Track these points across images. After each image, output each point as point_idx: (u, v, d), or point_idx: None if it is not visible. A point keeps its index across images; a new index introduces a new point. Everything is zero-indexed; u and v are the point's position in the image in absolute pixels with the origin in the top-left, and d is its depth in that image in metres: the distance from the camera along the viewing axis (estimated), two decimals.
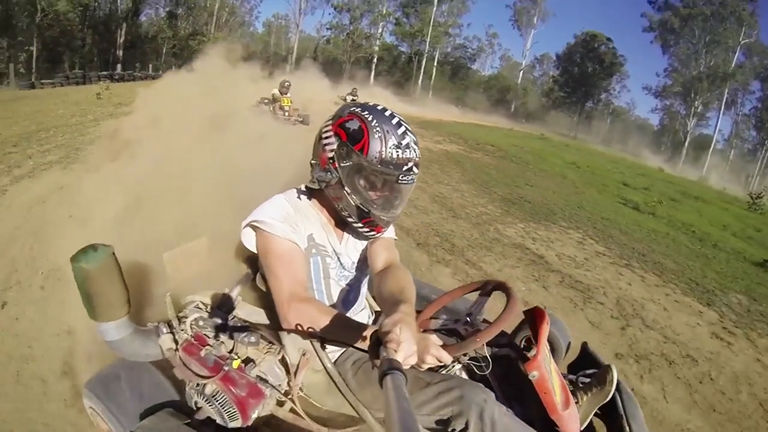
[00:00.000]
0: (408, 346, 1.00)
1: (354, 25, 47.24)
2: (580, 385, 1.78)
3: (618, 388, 1.75)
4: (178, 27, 36.97)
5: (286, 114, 11.74)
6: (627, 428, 1.63)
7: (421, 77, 48.48)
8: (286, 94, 12.15)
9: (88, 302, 1.39)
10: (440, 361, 1.29)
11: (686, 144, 48.10)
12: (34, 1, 24.75)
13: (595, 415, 1.73)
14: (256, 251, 1.58)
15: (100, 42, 25.29)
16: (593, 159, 23.51)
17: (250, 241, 1.58)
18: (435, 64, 50.01)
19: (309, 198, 1.66)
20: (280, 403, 1.60)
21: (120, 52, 27.14)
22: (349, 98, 19.83)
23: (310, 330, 1.29)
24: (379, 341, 1.01)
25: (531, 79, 57.87)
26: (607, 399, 1.70)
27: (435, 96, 47.21)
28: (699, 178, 30.96)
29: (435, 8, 46.02)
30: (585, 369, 1.98)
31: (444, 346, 1.32)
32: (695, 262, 7.48)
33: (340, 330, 1.30)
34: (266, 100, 11.86)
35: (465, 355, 1.64)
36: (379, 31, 48.03)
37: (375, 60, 47.61)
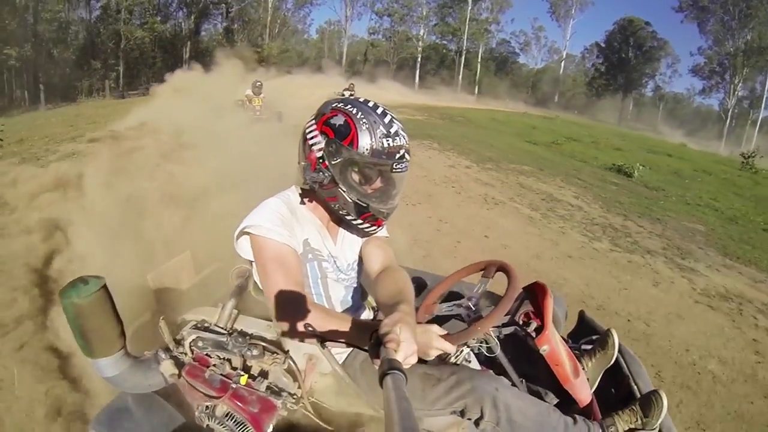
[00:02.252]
0: (408, 346, 1.01)
1: (395, 28, 49.31)
2: (584, 352, 1.81)
3: (620, 350, 1.81)
4: (234, 40, 39.61)
5: (257, 112, 12.38)
6: (634, 387, 1.71)
7: (461, 73, 49.08)
8: (259, 94, 12.79)
9: (82, 338, 1.34)
10: (444, 352, 1.31)
11: (727, 123, 45.37)
12: (119, 31, 30.92)
13: (603, 379, 1.77)
14: (251, 259, 1.53)
15: (169, 59, 30.76)
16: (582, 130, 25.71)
17: (244, 248, 1.54)
18: (479, 60, 50.69)
19: (301, 200, 1.60)
20: (292, 412, 1.56)
21: (186, 66, 32.43)
22: (347, 94, 19.79)
23: (309, 331, 1.25)
24: (378, 341, 1.02)
25: (580, 70, 56.81)
26: (612, 362, 1.75)
27: (481, 91, 48.75)
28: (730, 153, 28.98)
29: (470, 7, 46.89)
30: (585, 336, 2.04)
31: (446, 336, 1.34)
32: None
33: (341, 329, 1.25)
34: (240, 101, 12.56)
35: (473, 339, 1.64)
36: (420, 32, 49.49)
37: (419, 60, 49.07)
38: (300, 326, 1.26)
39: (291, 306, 1.32)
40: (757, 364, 4.17)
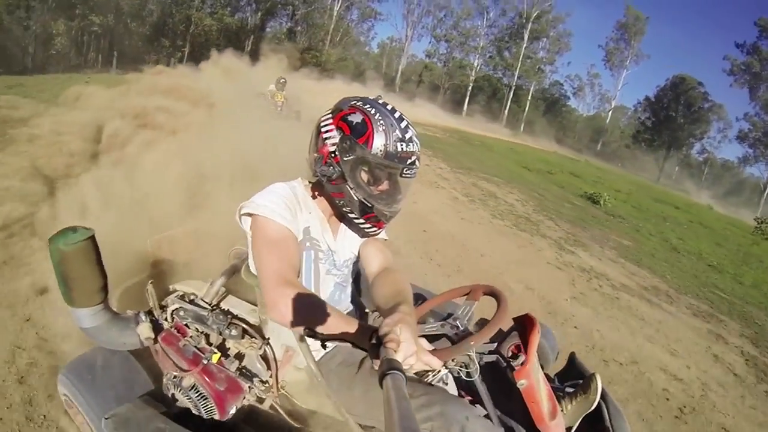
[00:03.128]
0: (408, 346, 1.01)
1: (450, 55, 50.42)
2: (566, 394, 1.75)
3: (604, 399, 1.74)
4: (296, 41, 40.70)
5: (278, 108, 12.58)
6: None
7: (507, 107, 49.84)
8: (281, 90, 13.00)
9: (64, 285, 1.36)
10: (429, 367, 1.24)
11: (766, 193, 44.29)
12: (191, 16, 33.37)
13: (582, 426, 1.70)
14: (250, 235, 1.50)
15: (232, 47, 33.92)
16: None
17: (245, 224, 1.53)
18: (529, 97, 51.30)
19: (307, 191, 1.60)
20: (260, 400, 1.56)
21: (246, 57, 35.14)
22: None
23: (297, 317, 1.23)
24: (379, 341, 1.02)
25: (630, 123, 56.72)
26: (592, 408, 1.68)
27: (527, 129, 49.28)
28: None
29: (525, 44, 47.57)
30: (572, 378, 1.99)
31: (433, 351, 1.28)
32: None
33: (329, 322, 1.22)
34: (262, 94, 12.70)
35: (453, 360, 1.59)
36: (474, 62, 50.38)
37: (470, 88, 49.85)
38: (287, 310, 1.22)
39: (282, 287, 1.27)
40: (573, 298, 5.86)
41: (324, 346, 1.46)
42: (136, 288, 1.75)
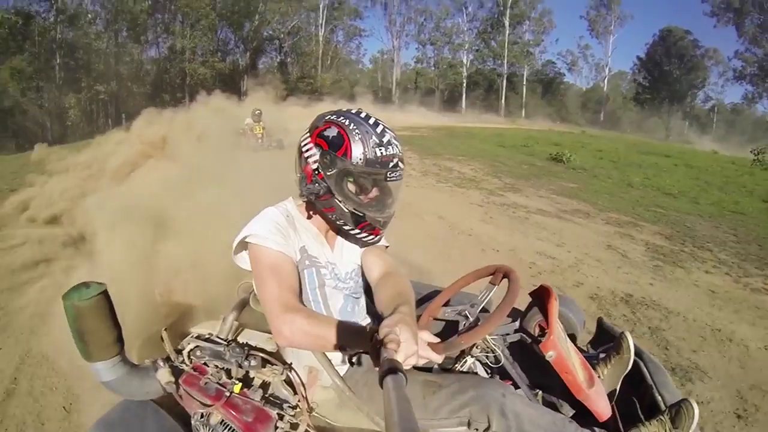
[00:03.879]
0: (408, 347, 1.03)
1: (437, 57, 51.29)
2: (600, 360, 1.71)
3: (641, 357, 1.73)
4: (288, 73, 42.50)
5: (259, 140, 12.68)
6: (659, 398, 1.58)
7: (503, 97, 50.00)
8: (258, 122, 13.09)
9: (80, 341, 1.38)
10: (429, 360, 1.25)
11: None
12: (185, 69, 35.86)
13: (625, 388, 1.67)
14: (249, 269, 1.51)
15: (228, 91, 36.05)
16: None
17: (242, 260, 1.55)
18: (524, 82, 51.22)
19: (299, 211, 1.62)
20: (294, 426, 1.53)
21: (244, 97, 36.29)
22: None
23: (304, 338, 1.25)
24: (379, 342, 1.02)
25: (632, 86, 55.51)
26: (629, 367, 1.64)
27: (528, 114, 49.05)
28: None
29: (507, 31, 48.05)
30: (604, 343, 1.95)
31: (434, 345, 1.29)
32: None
33: (336, 334, 1.22)
34: (241, 130, 12.72)
35: (476, 347, 1.60)
36: (464, 59, 50.86)
37: (464, 85, 50.31)
38: (294, 333, 1.25)
39: (283, 314, 1.29)
40: (480, 221, 7.08)
41: (351, 362, 1.45)
42: (153, 340, 1.74)
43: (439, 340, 1.32)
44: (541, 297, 1.71)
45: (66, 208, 6.33)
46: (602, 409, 1.53)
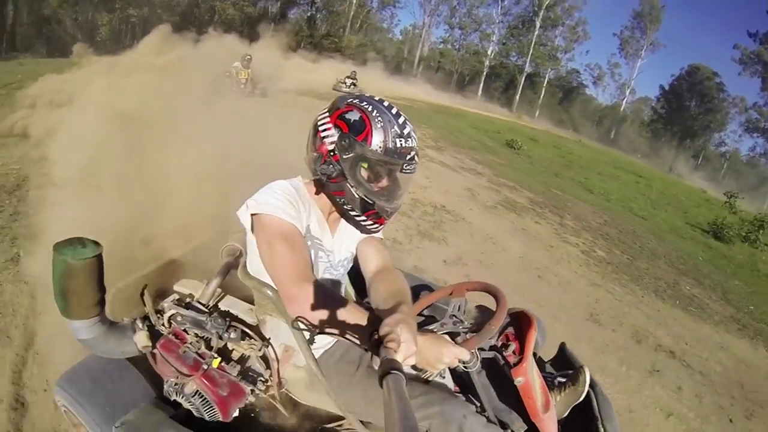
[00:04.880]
0: (408, 347, 1.02)
1: (463, 41, 51.65)
2: (556, 384, 1.79)
3: (594, 390, 1.80)
4: (315, 27, 42.53)
5: (241, 85, 12.57)
6: (602, 429, 1.69)
7: (519, 92, 50.64)
8: (246, 67, 12.98)
9: (62, 298, 1.32)
10: (461, 358, 1.31)
11: None
12: (215, 7, 36.21)
13: (572, 415, 1.77)
14: (252, 234, 1.49)
15: (254, 35, 37.00)
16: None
17: (248, 224, 1.50)
18: (545, 84, 52.19)
19: (308, 189, 1.60)
20: (258, 397, 1.56)
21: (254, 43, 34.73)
22: (348, 81, 20.43)
23: (315, 313, 1.23)
24: (379, 341, 1.02)
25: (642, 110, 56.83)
26: (580, 399, 1.73)
27: (542, 114, 50.19)
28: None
29: (536, 31, 48.26)
30: (562, 367, 2.06)
31: (458, 343, 1.37)
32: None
33: (344, 316, 1.22)
34: (228, 73, 12.53)
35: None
36: (489, 49, 51.25)
37: (484, 73, 50.95)
38: (307, 305, 1.23)
39: (300, 282, 1.28)
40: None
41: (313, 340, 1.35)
42: (128, 289, 1.69)
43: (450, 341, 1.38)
44: (519, 320, 1.78)
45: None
46: None
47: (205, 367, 1.50)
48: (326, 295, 1.28)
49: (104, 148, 3.69)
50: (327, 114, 1.48)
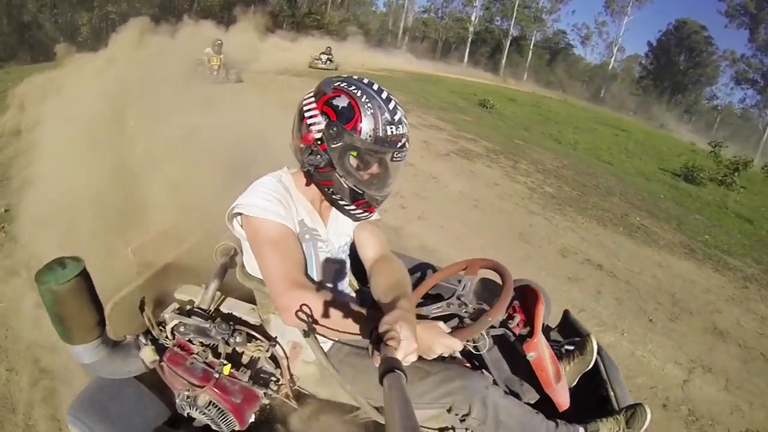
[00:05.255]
0: (408, 344, 1.00)
1: (445, 8, 51.37)
2: (564, 354, 1.82)
3: (600, 355, 1.83)
4: (296, 6, 41.99)
5: (214, 72, 12.46)
6: (611, 393, 1.73)
7: (505, 56, 50.34)
8: (218, 53, 12.84)
9: (60, 325, 1.27)
10: (451, 349, 1.30)
11: (765, 137, 43.17)
12: None
13: (581, 381, 1.80)
14: (245, 237, 1.47)
15: (232, 19, 36.41)
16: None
17: (237, 229, 1.48)
18: (531, 46, 51.63)
19: (294, 180, 1.55)
20: (270, 397, 1.54)
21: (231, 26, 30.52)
22: (324, 57, 20.36)
23: (309, 317, 1.21)
24: (378, 339, 1.00)
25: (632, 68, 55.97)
26: (589, 367, 1.77)
27: (529, 77, 49.75)
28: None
29: None
30: (567, 335, 2.08)
31: (452, 333, 1.37)
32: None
33: (340, 318, 1.22)
34: (199, 61, 12.38)
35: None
36: (473, 15, 50.78)
37: (469, 40, 50.65)
38: (299, 310, 1.21)
39: (292, 290, 1.26)
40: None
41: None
42: (124, 302, 1.66)
43: (449, 330, 1.39)
44: (525, 295, 1.79)
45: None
46: (564, 401, 1.65)
47: (216, 376, 1.47)
48: (320, 297, 1.25)
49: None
50: (313, 99, 1.42)
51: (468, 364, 1.73)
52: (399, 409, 0.73)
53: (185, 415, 1.54)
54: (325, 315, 1.22)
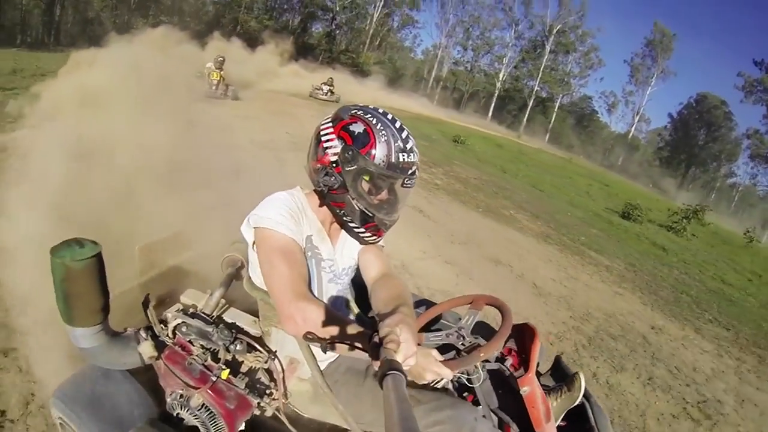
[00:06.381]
0: (408, 347, 1.03)
1: (474, 62, 53.43)
2: (552, 388, 1.86)
3: (587, 399, 1.85)
4: (334, 43, 44.68)
5: (213, 87, 12.66)
6: None
7: (527, 115, 52.27)
8: (219, 69, 13.12)
9: (64, 303, 1.27)
10: (441, 377, 1.33)
11: None
12: (237, 18, 38.54)
13: (568, 426, 1.85)
14: (254, 248, 1.49)
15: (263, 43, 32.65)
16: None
17: (250, 237, 1.51)
18: (556, 108, 53.35)
19: (307, 200, 1.60)
20: (262, 410, 1.53)
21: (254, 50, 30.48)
22: (325, 88, 20.72)
23: (313, 330, 1.20)
24: (379, 342, 1.03)
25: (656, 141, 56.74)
26: (575, 403, 1.79)
27: (551, 139, 51.38)
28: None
29: (546, 56, 49.97)
30: (558, 380, 2.10)
31: (444, 362, 1.37)
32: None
33: (341, 331, 1.22)
34: (200, 73, 12.57)
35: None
36: (501, 71, 52.56)
37: (495, 95, 52.43)
38: (307, 322, 1.24)
39: (296, 301, 1.29)
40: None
41: (324, 351, 1.25)
42: (126, 297, 1.69)
43: (442, 358, 1.40)
44: (522, 333, 1.86)
45: None
46: None
47: (213, 379, 1.46)
48: (323, 311, 1.27)
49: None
50: (330, 124, 1.47)
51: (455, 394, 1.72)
52: (399, 409, 0.74)
53: (174, 414, 1.52)
54: (327, 326, 1.23)
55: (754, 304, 10.21)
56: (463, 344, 1.70)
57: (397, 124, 1.44)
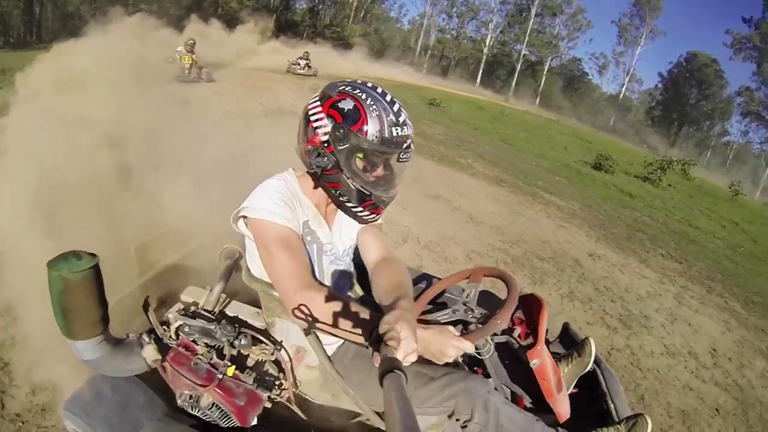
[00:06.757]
0: (408, 344, 1.00)
1: (459, 30, 53.03)
2: (562, 356, 1.85)
3: (598, 365, 1.86)
4: (318, 18, 43.92)
5: (185, 71, 12.47)
6: (612, 405, 1.74)
7: (515, 79, 51.96)
8: (190, 52, 12.93)
9: (63, 317, 1.25)
10: (464, 351, 1.28)
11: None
12: (218, 1, 37.66)
13: (579, 393, 1.83)
14: (251, 239, 1.47)
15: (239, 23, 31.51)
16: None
17: (243, 228, 1.48)
18: (544, 72, 53.24)
19: (300, 183, 1.56)
20: (273, 400, 1.53)
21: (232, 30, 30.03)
22: (302, 62, 20.14)
23: (318, 320, 1.24)
24: (378, 339, 1.01)
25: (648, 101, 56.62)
26: (586, 369, 1.77)
27: (542, 102, 51.32)
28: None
29: (531, 20, 49.57)
30: (567, 347, 2.10)
31: (463, 335, 1.36)
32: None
33: (350, 320, 1.22)
34: (171, 58, 12.39)
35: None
36: (488, 37, 52.34)
37: (483, 62, 52.08)
38: (314, 311, 1.24)
39: (303, 290, 1.28)
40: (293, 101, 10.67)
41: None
42: (126, 301, 1.68)
43: (458, 333, 1.35)
44: (529, 304, 1.85)
45: None
46: (565, 411, 1.65)
47: (220, 377, 1.45)
48: (329, 298, 1.25)
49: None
50: (318, 103, 1.42)
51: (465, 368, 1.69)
52: (399, 409, 0.72)
53: (186, 415, 1.53)
54: (334, 315, 1.22)
55: (720, 246, 10.32)
56: (473, 317, 1.69)
57: (388, 98, 1.40)
